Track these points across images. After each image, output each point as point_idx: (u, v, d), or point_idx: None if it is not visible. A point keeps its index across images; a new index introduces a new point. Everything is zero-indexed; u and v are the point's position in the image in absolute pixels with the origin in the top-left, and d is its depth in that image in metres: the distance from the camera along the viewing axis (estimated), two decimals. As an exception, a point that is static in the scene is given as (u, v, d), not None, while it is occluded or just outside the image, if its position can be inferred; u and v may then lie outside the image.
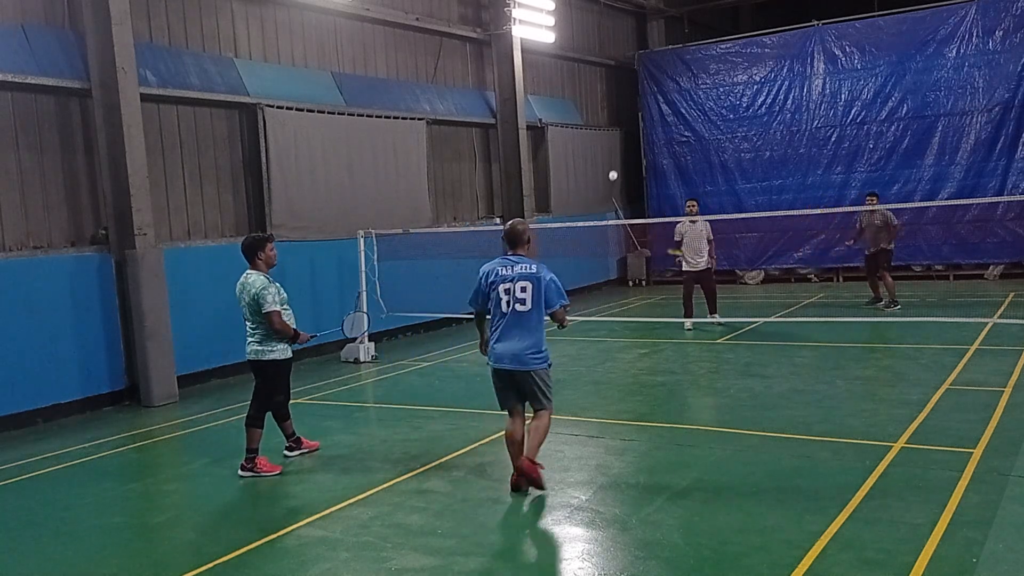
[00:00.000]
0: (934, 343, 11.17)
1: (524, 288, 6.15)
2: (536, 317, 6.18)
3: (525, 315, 6.16)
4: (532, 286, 6.16)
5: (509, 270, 6.22)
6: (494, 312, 6.27)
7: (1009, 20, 17.10)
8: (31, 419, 9.57)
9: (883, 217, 14.14)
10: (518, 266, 6.23)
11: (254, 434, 7.18)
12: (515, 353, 6.15)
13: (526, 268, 6.21)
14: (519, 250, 6.36)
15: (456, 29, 16.25)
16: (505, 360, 6.19)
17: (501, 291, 6.19)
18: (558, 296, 6.23)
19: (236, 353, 11.80)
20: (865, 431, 7.33)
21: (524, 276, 6.18)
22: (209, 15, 12.02)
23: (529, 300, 6.14)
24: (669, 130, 20.70)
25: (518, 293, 6.14)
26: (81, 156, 10.45)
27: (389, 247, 13.26)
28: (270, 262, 7.30)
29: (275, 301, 7.08)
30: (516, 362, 6.16)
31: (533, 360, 6.17)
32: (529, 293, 6.14)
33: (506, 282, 6.19)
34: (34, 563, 5.59)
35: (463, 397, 9.84)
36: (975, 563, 4.65)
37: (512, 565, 5.08)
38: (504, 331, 6.20)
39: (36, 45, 9.99)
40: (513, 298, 6.15)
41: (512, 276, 6.19)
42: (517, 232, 6.38)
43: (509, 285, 6.17)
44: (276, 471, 7.13)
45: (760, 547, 5.07)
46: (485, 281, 6.30)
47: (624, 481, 6.46)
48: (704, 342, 12.37)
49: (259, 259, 7.25)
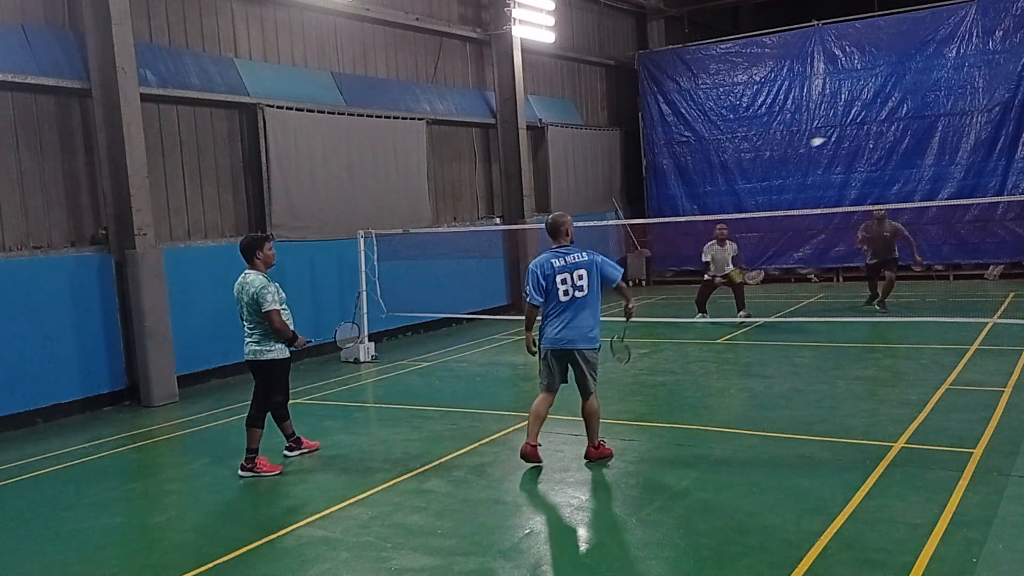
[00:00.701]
0: (934, 343, 11.17)
1: (581, 276, 6.62)
2: (593, 299, 6.69)
3: (583, 299, 6.64)
4: (587, 272, 6.63)
5: (562, 261, 6.64)
6: (551, 301, 6.68)
7: (1009, 20, 17.10)
8: (31, 419, 9.58)
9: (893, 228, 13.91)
10: (570, 256, 6.66)
11: (254, 434, 7.17)
12: (575, 337, 6.64)
13: (578, 257, 6.66)
14: (563, 241, 6.76)
15: (456, 29, 16.25)
16: (565, 341, 6.65)
17: (558, 282, 6.60)
18: (614, 270, 6.79)
19: (236, 353, 11.77)
20: (865, 431, 7.33)
21: (579, 264, 6.63)
22: (209, 15, 12.02)
23: (586, 285, 6.62)
24: (669, 130, 20.70)
25: (576, 281, 6.60)
26: (81, 156, 10.45)
27: (389, 247, 13.26)
28: (268, 262, 7.28)
29: (274, 300, 7.06)
30: (574, 344, 6.64)
31: (589, 342, 6.68)
32: (586, 279, 6.62)
33: (563, 272, 6.60)
34: (34, 563, 5.59)
35: (463, 397, 9.84)
36: (975, 563, 4.65)
37: (512, 565, 5.07)
38: (564, 315, 6.64)
39: (36, 45, 9.99)
40: (572, 287, 6.60)
41: (567, 266, 6.62)
42: (558, 224, 6.79)
43: (566, 275, 6.60)
44: (276, 471, 7.12)
45: (760, 547, 5.07)
46: (541, 275, 6.66)
47: (624, 481, 6.46)
48: (704, 342, 12.37)
49: (258, 259, 7.23)
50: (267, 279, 7.16)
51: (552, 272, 6.61)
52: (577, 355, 6.68)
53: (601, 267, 6.71)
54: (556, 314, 6.66)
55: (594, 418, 6.86)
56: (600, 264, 6.71)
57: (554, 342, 6.69)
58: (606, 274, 6.73)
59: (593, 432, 6.89)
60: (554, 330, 6.67)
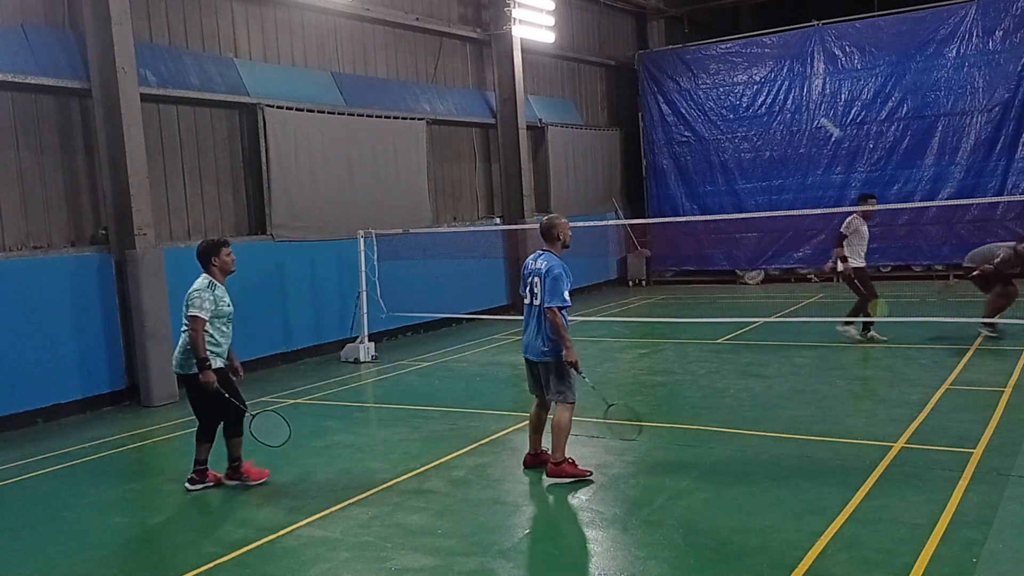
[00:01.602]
0: (934, 343, 11.17)
1: (535, 283, 6.51)
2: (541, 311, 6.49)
3: (537, 308, 6.51)
4: (540, 280, 6.48)
5: (533, 264, 6.62)
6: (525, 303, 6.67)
7: (1009, 20, 17.10)
8: (31, 419, 9.57)
9: None
10: (538, 260, 6.59)
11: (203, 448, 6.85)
12: (529, 344, 6.57)
13: (540, 263, 6.53)
14: (547, 245, 6.67)
15: (456, 29, 16.25)
16: (525, 350, 6.65)
17: (526, 284, 6.63)
18: (552, 290, 6.33)
19: (236, 353, 11.85)
20: (865, 431, 7.33)
21: (535, 271, 6.53)
22: (209, 15, 12.02)
23: (539, 294, 6.49)
24: (669, 130, 20.70)
25: (534, 287, 6.53)
26: (81, 156, 10.45)
27: (389, 247, 13.26)
28: (226, 268, 6.83)
29: (203, 308, 6.55)
30: (532, 353, 6.57)
31: (545, 353, 6.46)
32: (537, 288, 6.50)
33: (529, 276, 6.61)
34: (34, 563, 5.59)
35: (463, 397, 9.84)
36: (975, 563, 4.65)
37: (512, 565, 5.08)
38: (526, 321, 6.64)
39: (36, 45, 9.99)
40: (530, 291, 6.57)
41: (531, 271, 6.59)
42: (544, 228, 6.70)
43: (530, 279, 6.58)
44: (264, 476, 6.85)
45: (760, 547, 5.07)
46: (522, 274, 6.73)
47: (624, 481, 6.46)
48: (704, 342, 12.36)
49: (214, 265, 6.78)
50: (210, 287, 6.69)
51: (526, 273, 6.65)
52: (538, 366, 6.57)
53: (549, 282, 6.31)
54: (525, 318, 6.67)
55: (556, 430, 6.42)
56: (550, 279, 6.30)
57: (523, 349, 6.70)
58: (546, 291, 6.33)
59: (555, 446, 6.45)
60: (524, 335, 6.69)
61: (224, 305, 6.78)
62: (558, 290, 6.32)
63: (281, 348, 12.52)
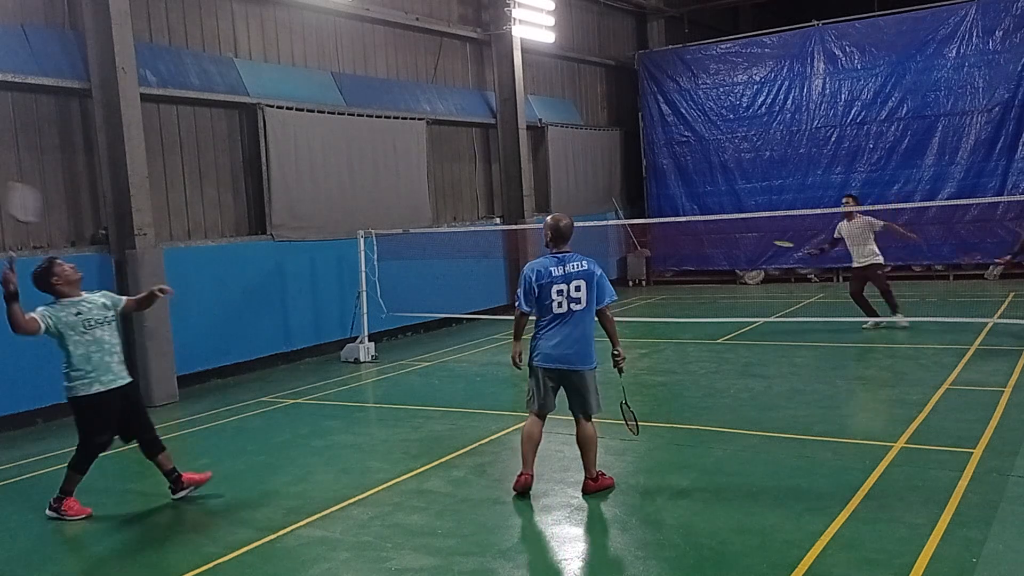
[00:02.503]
0: (934, 343, 11.17)
1: (579, 287, 6.03)
2: (590, 316, 6.10)
3: (579, 314, 6.05)
4: (586, 284, 6.05)
5: (561, 269, 6.05)
6: (544, 313, 6.11)
7: (1009, 20, 17.10)
8: (31, 419, 9.57)
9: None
10: (570, 263, 6.07)
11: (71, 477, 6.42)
12: (569, 354, 6.06)
13: (578, 265, 6.07)
14: (563, 247, 6.17)
15: (456, 29, 16.25)
16: (560, 360, 6.08)
17: (554, 292, 6.03)
18: (609, 289, 6.19)
19: (236, 353, 11.90)
20: (865, 431, 7.34)
21: (578, 275, 6.04)
22: (209, 15, 12.02)
23: (583, 299, 6.03)
24: (669, 130, 20.69)
25: (573, 292, 6.02)
26: (81, 156, 10.45)
27: (389, 247, 13.26)
28: (69, 280, 6.37)
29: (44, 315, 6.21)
30: (568, 362, 6.08)
31: (583, 362, 6.10)
32: (583, 292, 6.03)
33: (559, 282, 6.03)
34: (34, 564, 5.59)
35: (463, 397, 9.85)
36: (975, 563, 4.65)
37: (512, 565, 5.07)
38: (558, 331, 6.07)
39: (36, 45, 9.99)
40: (567, 298, 6.02)
41: (566, 276, 6.04)
42: (565, 230, 6.17)
43: (563, 286, 6.02)
44: (84, 514, 6.37)
45: (760, 547, 5.07)
46: (535, 281, 6.08)
47: (624, 481, 6.45)
48: (704, 342, 12.36)
49: (56, 285, 6.33)
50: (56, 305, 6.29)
51: (550, 280, 6.02)
52: (574, 376, 6.10)
53: (600, 281, 6.09)
54: (551, 327, 6.07)
55: (590, 445, 6.17)
56: (600, 278, 6.10)
57: (550, 359, 6.08)
58: (602, 290, 6.10)
59: (591, 462, 6.19)
60: (549, 346, 6.06)
61: (70, 316, 6.27)
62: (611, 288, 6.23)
63: (281, 348, 12.51)
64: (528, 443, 6.23)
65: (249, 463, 7.61)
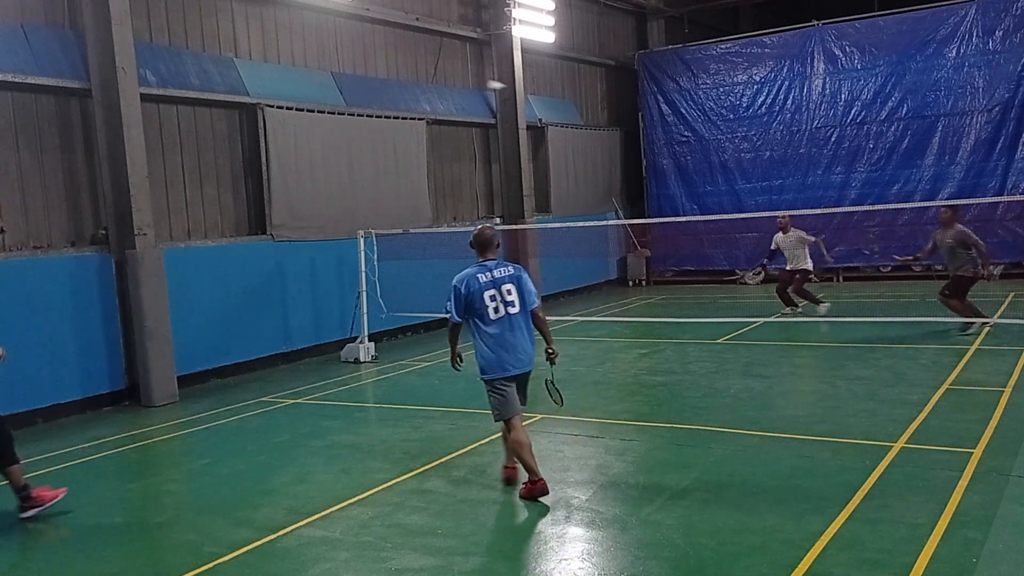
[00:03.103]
0: (934, 343, 11.17)
1: (509, 291, 6.19)
2: (526, 316, 6.26)
3: (517, 317, 6.20)
4: (515, 287, 6.22)
5: (488, 276, 6.20)
6: (484, 320, 6.18)
7: (1009, 20, 17.10)
8: (31, 419, 9.57)
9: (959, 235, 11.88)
10: (496, 270, 6.24)
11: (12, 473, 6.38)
12: (528, 352, 6.22)
13: (505, 271, 6.25)
14: (491, 254, 6.34)
15: (456, 29, 16.25)
16: (523, 364, 6.21)
17: (486, 298, 6.14)
18: (534, 291, 6.34)
19: (236, 353, 11.90)
20: (865, 431, 7.33)
21: (507, 279, 6.22)
22: (209, 15, 12.02)
23: (516, 301, 6.20)
24: (669, 130, 20.70)
25: (506, 296, 6.16)
26: (81, 156, 10.45)
27: (389, 247, 13.26)
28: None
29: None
30: (530, 362, 6.24)
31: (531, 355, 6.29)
32: (515, 295, 6.20)
33: (489, 288, 6.15)
34: (34, 564, 5.59)
35: (463, 397, 9.84)
36: (975, 563, 4.65)
37: (512, 565, 5.07)
38: (507, 335, 6.15)
39: (36, 45, 9.99)
40: (502, 302, 6.16)
41: (494, 281, 6.18)
42: (490, 238, 6.37)
43: (493, 291, 6.15)
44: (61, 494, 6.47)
45: (760, 547, 5.07)
46: (464, 292, 6.17)
47: (624, 481, 6.46)
48: (704, 342, 12.36)
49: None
50: None
51: (479, 288, 6.12)
52: (527, 375, 6.30)
53: (525, 284, 6.24)
54: (498, 334, 6.13)
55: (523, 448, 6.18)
56: (526, 281, 6.26)
57: (512, 365, 6.15)
58: (529, 293, 6.24)
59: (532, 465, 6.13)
60: (505, 353, 6.12)
61: None
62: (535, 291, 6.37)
63: (281, 348, 12.52)
64: (527, 450, 6.19)
65: (249, 463, 7.61)
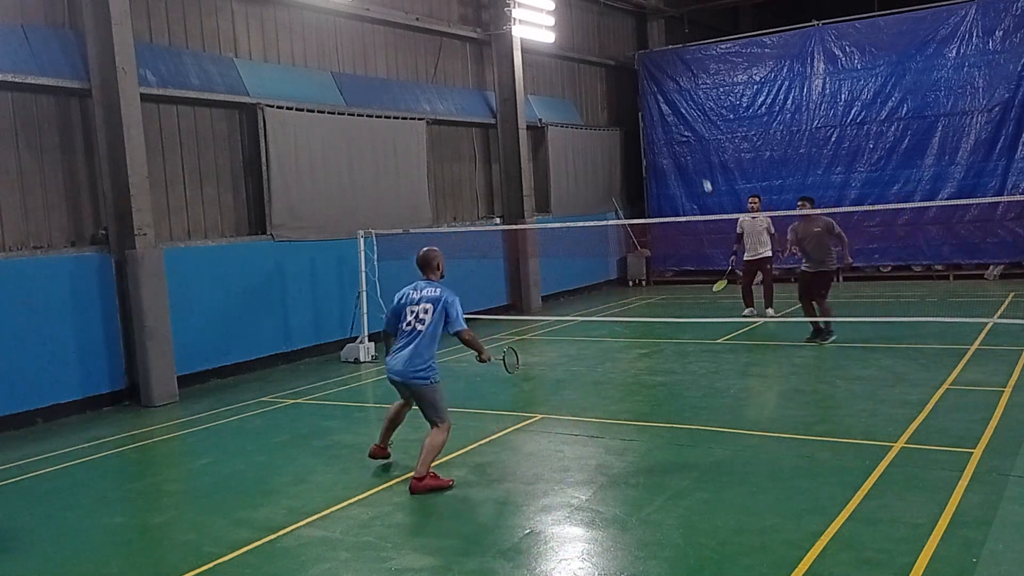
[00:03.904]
0: (934, 343, 11.17)
1: (426, 310, 6.69)
2: (428, 338, 6.66)
3: (417, 334, 6.64)
4: (432, 308, 6.69)
5: (417, 293, 6.81)
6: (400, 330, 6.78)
7: (1009, 20, 17.09)
8: (31, 419, 9.57)
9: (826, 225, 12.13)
10: (425, 290, 6.80)
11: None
12: (401, 370, 6.64)
13: (431, 292, 6.78)
14: (428, 275, 6.91)
15: (456, 29, 16.25)
16: (394, 372, 6.71)
17: (408, 312, 6.75)
18: (458, 318, 6.75)
19: (236, 353, 11.90)
20: (865, 431, 7.33)
21: (427, 299, 6.74)
22: (209, 15, 12.02)
23: (427, 321, 6.66)
24: (669, 130, 20.69)
25: (421, 314, 6.69)
26: (81, 156, 10.45)
27: (389, 247, 13.26)
28: None
29: None
30: (402, 377, 6.67)
31: (416, 378, 6.61)
32: (429, 315, 6.67)
33: (412, 304, 6.76)
34: (34, 563, 5.59)
35: (463, 397, 9.83)
36: (975, 563, 4.65)
37: (512, 565, 5.07)
38: (400, 344, 6.71)
39: (36, 45, 9.99)
40: (416, 318, 6.69)
41: (419, 299, 6.76)
42: (426, 259, 6.96)
43: (416, 307, 6.74)
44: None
45: (760, 547, 5.07)
46: (396, 302, 6.86)
47: (624, 481, 6.46)
48: (704, 342, 12.36)
49: None
50: None
51: (408, 302, 6.78)
52: (412, 389, 6.71)
53: (447, 308, 6.69)
54: (399, 343, 6.74)
55: (426, 450, 6.51)
56: (448, 304, 6.70)
57: (388, 370, 6.78)
58: (449, 316, 6.70)
59: (421, 462, 6.47)
60: (390, 360, 6.74)
61: None
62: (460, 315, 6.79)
63: (281, 348, 12.51)
64: (388, 419, 7.16)
65: (249, 463, 7.61)
